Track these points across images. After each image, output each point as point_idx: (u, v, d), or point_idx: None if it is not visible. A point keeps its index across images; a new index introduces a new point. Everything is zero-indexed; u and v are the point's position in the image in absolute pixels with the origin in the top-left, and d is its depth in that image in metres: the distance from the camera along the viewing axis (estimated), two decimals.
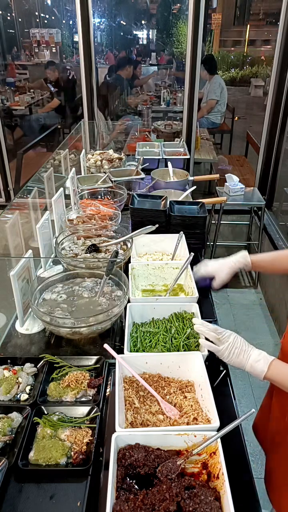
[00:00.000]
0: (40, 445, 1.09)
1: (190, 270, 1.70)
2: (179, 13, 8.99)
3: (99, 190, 2.62)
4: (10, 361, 1.37)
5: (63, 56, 7.89)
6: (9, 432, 1.13)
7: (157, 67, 8.61)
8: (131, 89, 5.99)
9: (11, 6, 7.62)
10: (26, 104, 6.43)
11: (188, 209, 2.26)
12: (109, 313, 1.45)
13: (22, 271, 1.48)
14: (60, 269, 1.82)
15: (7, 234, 1.88)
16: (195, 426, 1.08)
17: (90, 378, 1.30)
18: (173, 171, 2.90)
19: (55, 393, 1.26)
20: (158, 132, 4.53)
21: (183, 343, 1.37)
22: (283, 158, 4.02)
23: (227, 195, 3.85)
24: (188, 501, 0.91)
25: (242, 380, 2.94)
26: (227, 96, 5.84)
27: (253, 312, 3.79)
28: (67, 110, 6.22)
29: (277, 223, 4.03)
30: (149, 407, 1.16)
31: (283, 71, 3.69)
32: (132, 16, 9.06)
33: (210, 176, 3.65)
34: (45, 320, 1.44)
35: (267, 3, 10.08)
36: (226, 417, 1.10)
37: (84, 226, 2.09)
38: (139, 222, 2.14)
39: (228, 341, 1.18)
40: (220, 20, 10.25)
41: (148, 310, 1.51)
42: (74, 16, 3.77)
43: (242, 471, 1.06)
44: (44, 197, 2.37)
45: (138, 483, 0.98)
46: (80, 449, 1.09)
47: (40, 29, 7.64)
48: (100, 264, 1.75)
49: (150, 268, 1.77)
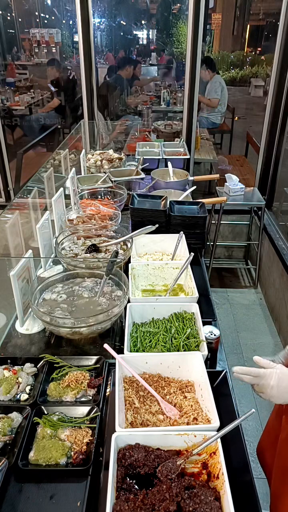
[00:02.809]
0: (40, 445, 1.09)
1: (190, 270, 1.70)
2: (179, 13, 8.98)
3: (99, 190, 2.62)
4: (10, 361, 1.37)
5: (63, 56, 7.88)
6: (9, 432, 1.13)
7: (157, 67, 8.60)
8: (130, 88, 5.99)
9: (11, 6, 7.62)
10: (26, 104, 6.44)
11: (188, 209, 2.27)
12: (109, 313, 1.45)
13: (22, 271, 1.48)
14: (60, 269, 1.82)
15: (7, 234, 1.88)
16: (195, 426, 1.08)
17: (90, 378, 1.30)
18: (173, 171, 2.90)
19: (55, 393, 1.26)
20: (158, 132, 4.52)
21: (183, 343, 1.37)
22: (283, 158, 4.02)
23: (227, 195, 3.85)
24: (188, 501, 0.91)
25: None
26: (227, 96, 5.84)
27: (253, 312, 3.79)
28: (67, 110, 6.22)
29: (277, 223, 4.03)
30: (149, 407, 1.16)
31: (283, 71, 3.69)
32: (132, 16, 9.06)
33: (210, 176, 3.65)
34: (45, 320, 1.44)
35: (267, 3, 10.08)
36: (226, 417, 1.10)
37: (84, 226, 2.09)
38: (139, 222, 2.14)
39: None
40: (220, 20, 10.25)
41: (148, 310, 1.51)
42: (74, 16, 3.77)
43: (242, 471, 1.06)
44: (44, 197, 2.37)
45: (138, 483, 0.98)
46: (80, 449, 1.09)
47: (40, 29, 7.63)
48: (100, 264, 1.75)
49: (150, 268, 1.77)
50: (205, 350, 1.33)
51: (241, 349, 3.24)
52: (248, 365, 1.13)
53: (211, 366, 1.42)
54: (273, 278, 3.71)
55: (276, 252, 3.65)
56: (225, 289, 4.10)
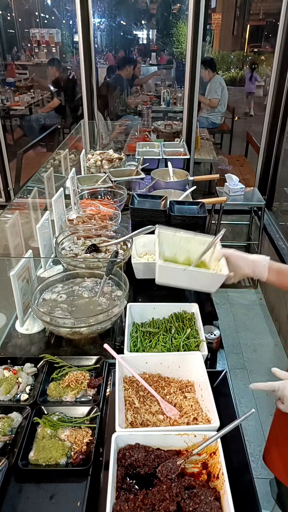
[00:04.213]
0: (40, 445, 1.09)
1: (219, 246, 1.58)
2: (179, 13, 8.99)
3: (99, 190, 2.62)
4: (10, 361, 1.37)
5: (63, 56, 7.89)
6: (9, 432, 1.13)
7: (157, 67, 8.61)
8: (130, 88, 5.99)
9: (11, 6, 7.62)
10: (26, 104, 6.44)
11: (188, 209, 2.26)
12: (109, 313, 1.45)
13: (22, 271, 1.48)
14: (60, 269, 1.82)
15: (7, 234, 1.88)
16: (195, 426, 1.08)
17: (90, 378, 1.30)
18: (173, 171, 2.90)
19: (55, 393, 1.26)
20: (158, 132, 4.52)
21: (183, 343, 1.37)
22: (283, 158, 4.02)
23: (227, 195, 3.85)
24: (188, 501, 0.91)
25: (242, 380, 2.94)
26: (227, 96, 5.84)
27: (253, 312, 3.79)
28: (67, 110, 6.22)
29: (277, 223, 4.03)
30: (149, 407, 1.16)
31: (283, 71, 3.69)
32: (132, 16, 9.06)
33: (210, 176, 3.65)
34: (45, 320, 1.44)
35: (267, 3, 10.08)
36: (226, 417, 1.10)
37: (84, 226, 2.09)
38: (139, 222, 2.14)
39: None
40: (220, 20, 10.25)
41: (148, 310, 1.51)
42: (74, 16, 3.77)
43: (242, 471, 1.06)
44: (44, 197, 2.37)
45: (138, 483, 0.98)
46: (80, 449, 1.09)
47: (40, 29, 7.63)
48: (100, 264, 1.75)
49: (177, 237, 1.64)
50: (205, 350, 1.33)
51: (241, 349, 3.24)
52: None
53: (211, 366, 1.42)
54: None
55: (276, 252, 3.65)
56: (225, 289, 4.09)
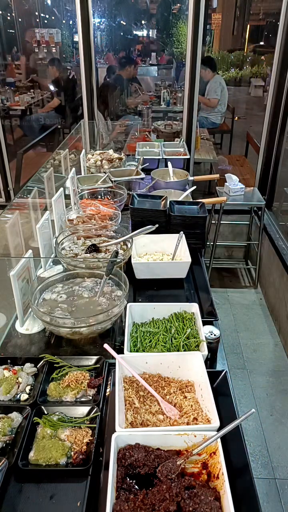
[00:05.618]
0: (40, 445, 1.09)
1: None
2: (179, 13, 8.98)
3: (99, 190, 2.62)
4: (10, 361, 1.37)
5: (63, 56, 7.88)
6: (9, 432, 1.13)
7: (157, 67, 8.61)
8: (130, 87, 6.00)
9: (11, 6, 7.61)
10: (26, 104, 6.44)
11: (188, 209, 2.26)
12: (109, 313, 1.45)
13: (22, 271, 1.48)
14: (60, 269, 1.82)
15: (7, 234, 1.88)
16: (195, 426, 1.08)
17: (90, 378, 1.30)
18: (173, 171, 2.90)
19: (55, 393, 1.26)
20: (158, 132, 4.52)
21: (183, 343, 1.37)
22: (283, 158, 4.02)
23: (227, 195, 3.85)
24: (188, 501, 0.91)
25: (242, 380, 2.94)
26: (227, 96, 5.84)
27: (253, 312, 3.79)
28: (67, 110, 6.22)
29: (277, 223, 4.03)
30: (149, 407, 1.16)
31: (283, 71, 3.69)
32: (132, 16, 9.06)
33: (210, 176, 3.65)
34: (45, 320, 1.44)
35: (267, 3, 10.08)
36: (226, 417, 1.10)
37: (84, 226, 2.09)
38: (139, 222, 2.14)
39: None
40: (220, 20, 10.25)
41: (148, 310, 1.51)
42: (74, 16, 3.77)
43: (242, 471, 1.06)
44: (44, 197, 2.37)
45: (138, 483, 0.98)
46: (80, 449, 1.09)
47: (40, 29, 7.63)
48: (100, 264, 1.75)
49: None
50: (205, 350, 1.33)
51: (241, 349, 3.24)
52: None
53: (211, 366, 1.42)
54: (273, 278, 3.71)
55: (276, 252, 3.65)
56: (225, 289, 4.10)
